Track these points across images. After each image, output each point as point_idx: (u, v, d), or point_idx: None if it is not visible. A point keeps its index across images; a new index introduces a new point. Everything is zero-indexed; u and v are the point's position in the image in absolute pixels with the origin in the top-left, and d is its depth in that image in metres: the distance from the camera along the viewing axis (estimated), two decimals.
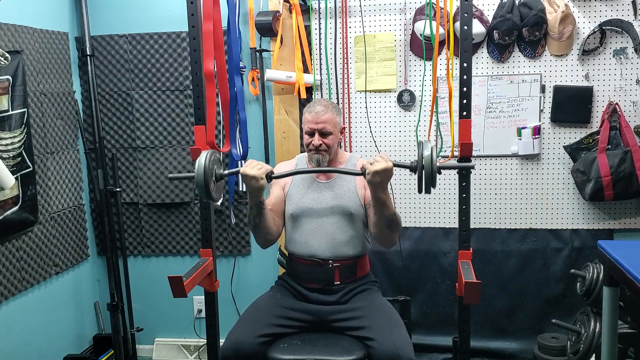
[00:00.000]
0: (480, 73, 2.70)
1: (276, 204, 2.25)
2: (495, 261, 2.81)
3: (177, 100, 2.96)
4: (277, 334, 2.06)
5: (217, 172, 1.99)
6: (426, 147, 1.83)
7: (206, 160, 1.92)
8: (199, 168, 1.91)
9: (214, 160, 1.98)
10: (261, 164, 2.01)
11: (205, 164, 1.91)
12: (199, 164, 1.91)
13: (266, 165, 2.02)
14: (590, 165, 2.57)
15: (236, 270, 3.08)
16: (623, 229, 2.70)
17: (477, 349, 2.82)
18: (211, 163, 1.94)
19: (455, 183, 2.13)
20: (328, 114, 2.14)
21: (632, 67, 2.59)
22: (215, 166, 1.99)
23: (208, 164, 1.92)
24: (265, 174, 1.99)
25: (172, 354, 3.19)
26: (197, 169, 1.91)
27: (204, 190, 1.93)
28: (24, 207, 2.51)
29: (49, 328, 2.75)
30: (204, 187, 1.92)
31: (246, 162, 2.02)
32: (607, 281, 1.89)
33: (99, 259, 3.15)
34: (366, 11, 2.74)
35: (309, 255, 2.17)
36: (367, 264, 2.28)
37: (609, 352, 1.91)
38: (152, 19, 2.92)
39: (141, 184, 3.03)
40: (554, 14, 2.54)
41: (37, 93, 2.64)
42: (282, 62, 2.79)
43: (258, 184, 1.98)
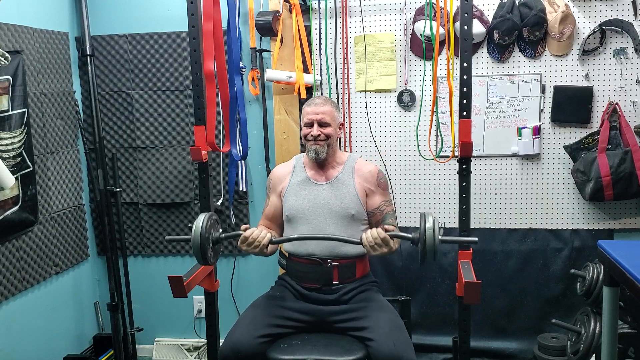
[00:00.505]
0: (480, 73, 2.70)
1: (275, 213, 2.26)
2: (495, 261, 2.81)
3: (177, 100, 2.96)
4: (277, 334, 2.06)
5: (214, 236, 1.93)
6: (428, 220, 1.78)
7: (203, 225, 1.85)
8: (196, 232, 1.84)
9: (212, 224, 1.92)
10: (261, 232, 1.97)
11: (202, 228, 1.84)
12: (196, 227, 1.85)
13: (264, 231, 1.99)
14: (590, 165, 2.57)
15: (236, 270, 3.08)
16: (623, 229, 2.71)
17: (477, 349, 2.82)
18: (208, 228, 1.88)
19: (456, 183, 2.13)
20: (327, 106, 2.18)
21: (632, 67, 2.59)
22: (213, 230, 1.93)
23: (205, 229, 1.86)
24: (266, 247, 1.98)
25: (172, 354, 3.19)
26: (194, 232, 1.84)
27: (201, 256, 1.87)
28: (24, 207, 2.51)
29: (49, 328, 2.75)
30: (200, 252, 1.86)
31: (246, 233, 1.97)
32: (607, 281, 1.89)
33: (99, 259, 3.15)
34: (366, 11, 2.74)
35: (307, 254, 2.17)
36: (367, 265, 2.28)
37: (609, 352, 1.91)
38: (152, 19, 2.92)
39: (141, 184, 3.04)
40: (554, 14, 2.54)
41: (37, 93, 2.64)
42: (282, 62, 2.79)
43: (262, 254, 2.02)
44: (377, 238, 1.90)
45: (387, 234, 1.90)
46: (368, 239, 1.91)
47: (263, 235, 1.96)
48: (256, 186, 2.99)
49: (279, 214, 2.27)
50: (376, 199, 2.21)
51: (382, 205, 2.21)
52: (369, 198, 2.20)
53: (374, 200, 2.21)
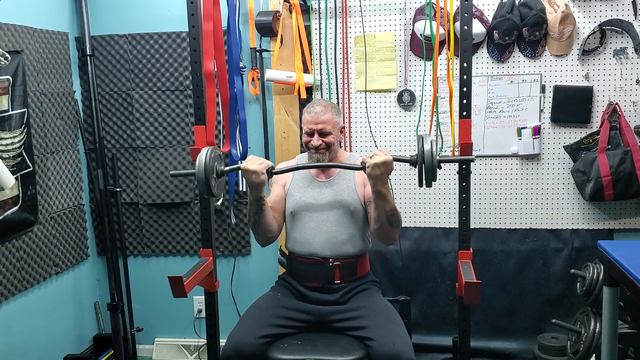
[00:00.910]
0: (480, 73, 2.70)
1: (277, 202, 2.26)
2: (495, 261, 2.81)
3: (177, 100, 2.96)
4: (278, 334, 2.06)
5: (217, 168, 2.00)
6: (426, 141, 1.85)
7: (207, 157, 1.92)
8: (200, 164, 1.91)
9: (215, 157, 1.99)
10: (262, 159, 2.03)
11: (205, 161, 1.92)
12: (200, 160, 1.92)
13: (267, 160, 2.03)
14: (590, 165, 2.57)
15: (236, 270, 3.08)
16: (623, 229, 2.70)
17: (477, 349, 2.82)
18: (212, 159, 1.95)
19: (456, 183, 2.13)
20: (327, 115, 2.15)
21: (632, 67, 2.59)
22: (216, 162, 2.00)
23: (209, 161, 1.92)
24: (266, 169, 2.00)
25: (172, 354, 3.19)
26: (197, 165, 1.92)
27: (205, 187, 1.94)
28: (24, 207, 2.51)
29: (49, 328, 2.75)
30: (205, 183, 1.92)
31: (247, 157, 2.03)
32: (607, 281, 1.89)
33: (99, 259, 3.15)
34: (366, 11, 2.74)
35: (309, 253, 2.17)
36: (367, 264, 2.28)
37: (609, 352, 1.91)
38: (152, 19, 2.92)
39: (141, 184, 3.03)
40: (554, 14, 2.54)
41: (37, 93, 2.64)
42: (282, 62, 2.79)
43: (259, 179, 1.99)
44: (380, 154, 1.91)
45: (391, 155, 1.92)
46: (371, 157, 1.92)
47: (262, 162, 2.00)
48: None
49: (281, 203, 2.27)
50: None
51: None
52: (366, 187, 2.19)
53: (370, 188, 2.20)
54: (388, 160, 1.91)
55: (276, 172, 2.07)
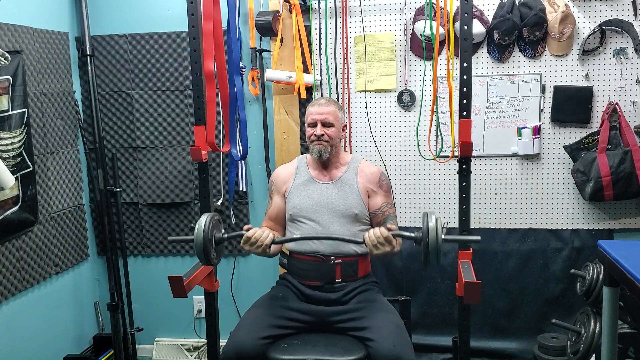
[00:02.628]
0: (480, 73, 2.70)
1: (278, 216, 2.27)
2: (495, 261, 2.81)
3: (177, 100, 2.96)
4: (279, 334, 2.06)
5: (216, 236, 1.92)
6: (431, 219, 1.78)
7: (206, 225, 1.85)
8: (199, 232, 1.84)
9: (215, 225, 1.92)
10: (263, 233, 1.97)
11: (205, 228, 1.84)
12: (199, 227, 1.84)
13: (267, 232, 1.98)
14: (590, 165, 2.57)
15: (236, 270, 3.08)
16: (623, 229, 2.71)
17: (477, 349, 2.82)
18: (211, 229, 1.88)
19: (456, 183, 2.13)
20: (331, 107, 2.19)
21: (632, 67, 2.59)
22: (215, 230, 1.93)
23: (208, 229, 1.85)
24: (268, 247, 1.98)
25: (172, 354, 3.19)
26: (196, 232, 1.84)
27: (203, 257, 1.87)
28: (24, 207, 2.51)
29: (49, 328, 2.75)
30: (203, 252, 1.85)
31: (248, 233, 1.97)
32: (607, 281, 1.89)
33: (99, 259, 3.15)
34: (366, 11, 2.74)
35: (311, 251, 2.17)
36: (368, 264, 2.28)
37: (609, 352, 1.90)
38: (152, 19, 2.92)
39: (141, 184, 3.04)
40: (554, 14, 2.54)
41: (37, 93, 2.64)
42: (282, 62, 2.79)
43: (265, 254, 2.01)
44: (379, 237, 1.90)
45: (390, 232, 1.91)
46: (371, 238, 1.91)
47: (266, 235, 1.97)
48: (256, 186, 2.99)
49: (283, 215, 2.27)
50: (378, 200, 2.21)
51: (383, 207, 2.21)
52: (371, 199, 2.21)
53: (376, 201, 2.21)
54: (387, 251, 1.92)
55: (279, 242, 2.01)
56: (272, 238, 1.98)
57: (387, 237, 1.90)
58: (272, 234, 1.99)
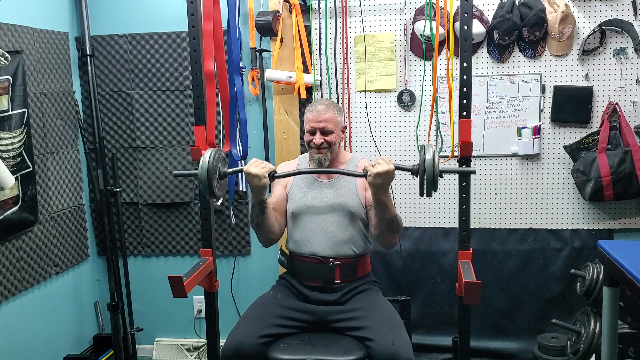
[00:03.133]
0: (480, 73, 2.70)
1: (278, 202, 2.26)
2: (495, 261, 2.81)
3: (177, 100, 2.96)
4: (279, 334, 2.06)
5: (220, 170, 2.00)
6: (428, 151, 1.84)
7: (210, 158, 1.93)
8: (203, 165, 1.92)
9: (218, 158, 1.99)
10: (264, 162, 2.03)
11: (209, 162, 1.92)
12: (203, 161, 1.93)
13: (269, 164, 2.04)
14: (590, 165, 2.57)
15: (236, 270, 3.08)
16: (623, 229, 2.70)
17: (477, 349, 2.82)
18: (215, 161, 1.95)
19: (455, 183, 2.13)
20: (329, 113, 2.16)
21: (632, 67, 2.59)
22: (220, 164, 2.00)
23: (212, 162, 1.93)
24: (268, 172, 2.00)
25: (172, 354, 3.19)
26: (201, 166, 1.92)
27: (208, 188, 1.94)
28: (24, 207, 2.51)
29: (49, 328, 2.75)
30: (208, 184, 1.93)
31: (249, 160, 2.03)
32: (607, 281, 1.89)
33: (99, 259, 3.15)
34: (366, 11, 2.74)
35: (310, 253, 2.17)
36: (368, 264, 2.28)
37: (609, 352, 1.90)
38: (152, 19, 2.92)
39: (141, 184, 3.04)
40: (554, 14, 2.54)
41: (37, 93, 2.64)
42: (282, 62, 2.79)
43: (261, 183, 1.99)
44: (382, 163, 1.91)
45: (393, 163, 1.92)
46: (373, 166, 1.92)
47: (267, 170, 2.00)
48: None
49: (283, 203, 2.27)
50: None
51: None
52: (367, 192, 2.20)
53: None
54: (390, 169, 1.91)
55: (278, 176, 2.06)
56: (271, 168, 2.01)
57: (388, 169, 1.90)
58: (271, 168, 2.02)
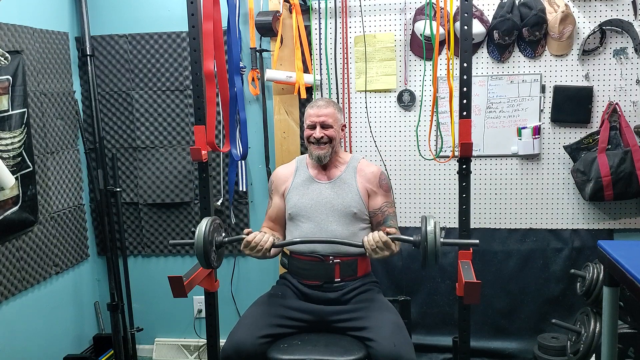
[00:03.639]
0: (480, 73, 2.70)
1: (278, 216, 2.27)
2: (495, 261, 2.81)
3: (177, 100, 2.96)
4: (279, 334, 2.06)
5: (217, 239, 1.93)
6: (429, 223, 1.80)
7: (206, 229, 1.86)
8: (199, 236, 1.85)
9: (215, 228, 1.93)
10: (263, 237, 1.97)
11: (205, 233, 1.85)
12: (199, 231, 1.85)
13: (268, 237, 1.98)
14: (590, 165, 2.57)
15: (236, 270, 3.08)
16: (623, 229, 2.70)
17: (477, 349, 2.82)
18: (211, 232, 1.88)
19: (456, 183, 2.13)
20: (330, 108, 2.19)
21: (632, 67, 2.59)
22: (216, 234, 1.93)
23: (208, 233, 1.86)
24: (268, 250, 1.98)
25: (172, 354, 3.19)
26: (196, 237, 1.85)
27: (204, 260, 1.87)
28: (24, 207, 2.51)
29: (49, 328, 2.75)
30: (204, 255, 1.86)
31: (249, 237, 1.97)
32: (607, 281, 1.89)
33: (99, 259, 3.15)
34: (366, 11, 2.74)
35: (310, 251, 2.17)
36: (368, 264, 2.28)
37: (609, 352, 1.90)
38: (152, 19, 2.92)
39: (141, 184, 3.04)
40: (554, 14, 2.54)
41: (37, 93, 2.64)
42: (282, 62, 2.79)
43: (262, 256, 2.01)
44: (378, 242, 1.91)
45: (389, 237, 1.91)
46: (370, 242, 1.92)
47: (266, 240, 1.97)
48: (256, 186, 2.99)
49: (282, 215, 2.27)
50: (378, 200, 2.22)
51: (383, 207, 2.22)
52: (370, 198, 2.21)
53: (376, 201, 2.21)
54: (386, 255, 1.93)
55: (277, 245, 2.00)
56: (272, 242, 1.98)
57: (386, 242, 1.91)
58: (272, 238, 2.00)
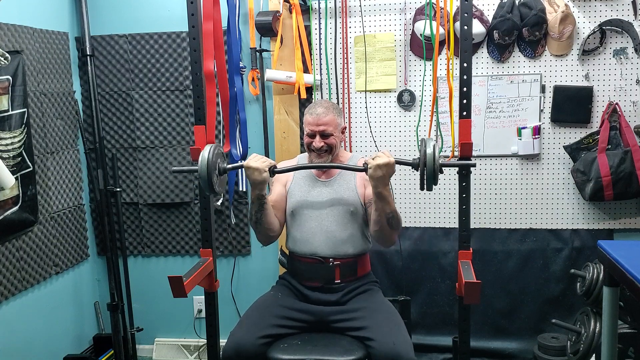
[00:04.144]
0: (480, 73, 2.70)
1: (278, 200, 2.26)
2: (495, 261, 2.81)
3: (177, 100, 2.96)
4: (279, 334, 2.06)
5: (220, 165, 2.00)
6: (428, 145, 1.85)
7: (209, 154, 1.93)
8: (203, 161, 1.92)
9: (218, 154, 1.99)
10: (264, 157, 2.04)
11: (208, 157, 1.92)
12: (203, 157, 1.92)
13: (269, 159, 2.04)
14: (590, 165, 2.57)
15: (236, 270, 3.08)
16: (623, 229, 2.70)
17: (477, 349, 2.82)
18: (215, 157, 1.95)
19: (456, 183, 2.13)
20: (329, 116, 2.14)
21: (632, 67, 2.59)
22: (219, 160, 2.00)
23: (211, 158, 1.93)
24: (268, 167, 2.00)
25: (172, 354, 3.19)
26: (200, 162, 1.92)
27: (207, 184, 1.94)
28: (24, 207, 2.51)
29: (49, 328, 2.75)
30: (207, 180, 1.93)
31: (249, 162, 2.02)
32: (607, 281, 1.89)
33: (99, 259, 3.15)
34: (366, 11, 2.74)
35: (310, 253, 2.17)
36: (367, 263, 2.28)
37: (609, 352, 1.90)
38: (152, 19, 2.92)
39: (141, 184, 3.04)
40: (554, 14, 2.54)
41: (37, 93, 2.64)
42: (282, 62, 2.79)
43: (261, 177, 1.99)
44: (382, 156, 1.92)
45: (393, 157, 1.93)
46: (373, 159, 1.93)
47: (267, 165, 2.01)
48: None
49: (283, 201, 2.27)
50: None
51: None
52: (367, 189, 2.19)
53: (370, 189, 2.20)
54: (390, 162, 1.92)
55: (278, 171, 2.07)
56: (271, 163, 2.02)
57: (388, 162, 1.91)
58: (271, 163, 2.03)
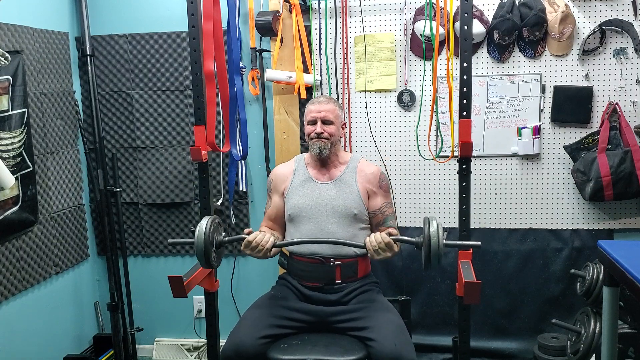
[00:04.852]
0: (480, 73, 2.70)
1: (277, 215, 2.27)
2: (495, 261, 2.81)
3: (177, 100, 2.96)
4: (279, 334, 2.06)
5: (217, 239, 1.91)
6: (432, 224, 1.80)
7: (206, 228, 1.85)
8: (199, 236, 1.83)
9: (215, 228, 1.91)
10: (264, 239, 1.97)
11: (205, 232, 1.84)
12: (199, 230, 1.84)
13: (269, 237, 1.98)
14: (590, 165, 2.57)
15: (236, 270, 3.08)
16: (623, 229, 2.70)
17: (477, 349, 2.82)
18: (212, 232, 1.87)
19: (456, 183, 2.13)
20: (330, 105, 2.20)
21: (632, 67, 2.59)
22: (216, 233, 1.92)
23: (208, 232, 1.85)
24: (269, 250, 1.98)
25: (172, 354, 3.19)
26: (197, 236, 1.84)
27: (204, 260, 1.86)
28: (24, 207, 2.51)
29: (49, 328, 2.75)
30: (204, 255, 1.85)
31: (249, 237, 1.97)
32: (607, 281, 1.89)
33: (99, 259, 3.15)
34: (366, 11, 2.74)
35: (310, 253, 2.17)
36: (368, 264, 2.28)
37: (609, 352, 1.90)
38: (152, 19, 2.92)
39: (141, 184, 3.03)
40: (554, 14, 2.54)
41: (37, 93, 2.64)
42: (282, 62, 2.79)
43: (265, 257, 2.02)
44: (381, 242, 1.91)
45: (391, 238, 1.91)
46: (372, 243, 1.92)
47: (267, 240, 1.97)
48: (256, 186, 2.99)
49: (282, 215, 2.27)
50: (378, 201, 2.21)
51: (383, 207, 2.21)
52: (370, 199, 2.21)
53: (376, 202, 2.21)
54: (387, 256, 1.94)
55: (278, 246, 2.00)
56: (272, 242, 1.98)
57: (388, 243, 1.91)
58: (273, 238, 2.00)
